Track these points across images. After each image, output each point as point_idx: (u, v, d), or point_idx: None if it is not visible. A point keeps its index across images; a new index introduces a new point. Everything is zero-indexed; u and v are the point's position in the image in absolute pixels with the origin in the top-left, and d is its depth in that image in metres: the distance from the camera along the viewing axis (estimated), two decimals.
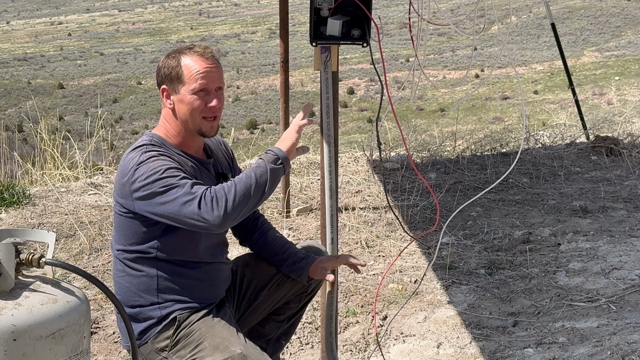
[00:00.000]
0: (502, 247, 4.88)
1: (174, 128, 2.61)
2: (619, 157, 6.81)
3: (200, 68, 2.55)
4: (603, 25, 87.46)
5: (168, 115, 2.61)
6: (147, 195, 2.43)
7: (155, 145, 2.54)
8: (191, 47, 2.61)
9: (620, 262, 4.51)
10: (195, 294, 2.62)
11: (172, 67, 2.56)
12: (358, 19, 2.77)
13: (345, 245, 4.92)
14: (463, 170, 6.53)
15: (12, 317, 1.90)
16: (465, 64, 74.40)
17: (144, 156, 2.47)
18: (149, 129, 2.79)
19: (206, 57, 2.56)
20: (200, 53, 2.57)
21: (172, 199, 2.40)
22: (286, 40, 5.29)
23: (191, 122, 2.58)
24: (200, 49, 2.59)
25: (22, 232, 2.12)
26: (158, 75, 2.62)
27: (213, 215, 2.37)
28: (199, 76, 2.54)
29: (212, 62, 2.57)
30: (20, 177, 6.58)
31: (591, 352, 3.46)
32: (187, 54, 2.57)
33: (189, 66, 2.54)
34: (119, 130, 47.01)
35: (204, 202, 2.37)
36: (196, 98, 2.55)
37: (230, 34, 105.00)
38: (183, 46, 2.63)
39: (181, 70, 2.54)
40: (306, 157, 6.97)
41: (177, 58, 2.57)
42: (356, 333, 3.87)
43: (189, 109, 2.55)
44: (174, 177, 2.42)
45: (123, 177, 2.49)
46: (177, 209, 2.39)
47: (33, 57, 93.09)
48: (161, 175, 2.41)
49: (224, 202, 2.38)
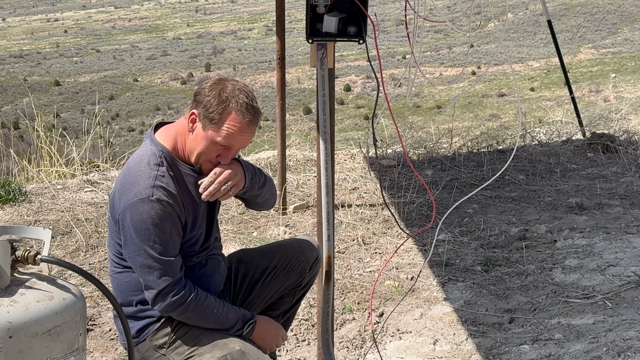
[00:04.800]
0: (498, 244, 4.88)
1: (183, 144, 2.59)
2: (615, 154, 6.82)
3: (238, 130, 2.50)
4: (599, 22, 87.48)
5: (183, 132, 2.58)
6: (127, 232, 2.48)
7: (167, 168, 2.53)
8: (245, 99, 2.52)
9: (616, 258, 4.51)
10: None
11: (217, 109, 2.49)
12: (354, 15, 2.77)
13: (341, 242, 4.92)
14: (459, 167, 6.53)
15: (8, 314, 1.90)
16: (462, 61, 74.39)
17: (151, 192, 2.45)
18: (145, 126, 2.77)
19: (250, 123, 2.52)
20: (250, 115, 2.52)
21: (142, 264, 2.48)
22: (283, 38, 5.29)
23: (195, 157, 2.56)
24: (251, 110, 2.52)
25: (18, 229, 2.12)
26: (199, 100, 2.53)
27: (163, 306, 2.51)
28: (231, 135, 2.51)
29: (251, 129, 2.54)
30: (16, 174, 6.57)
31: (587, 349, 3.47)
32: (237, 107, 2.50)
33: (230, 120, 2.49)
34: (116, 127, 46.94)
35: (165, 295, 2.49)
36: (215, 148, 2.53)
37: (227, 31, 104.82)
38: (237, 88, 2.53)
39: (222, 118, 2.49)
40: (302, 154, 6.97)
41: (226, 102, 2.49)
42: (352, 330, 3.87)
43: (202, 149, 2.54)
44: (159, 245, 2.46)
45: (125, 189, 2.49)
46: (140, 273, 2.50)
47: (29, 54, 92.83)
48: (150, 235, 2.45)
49: (182, 308, 2.51)
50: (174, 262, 2.48)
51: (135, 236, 2.44)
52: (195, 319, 2.53)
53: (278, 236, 5.06)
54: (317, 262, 3.01)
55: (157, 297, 2.47)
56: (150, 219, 2.43)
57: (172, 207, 2.47)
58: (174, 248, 2.49)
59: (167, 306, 2.49)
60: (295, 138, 7.55)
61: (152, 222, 2.43)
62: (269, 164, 6.60)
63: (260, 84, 73.80)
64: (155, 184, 2.46)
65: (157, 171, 2.49)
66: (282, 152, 5.50)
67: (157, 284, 2.46)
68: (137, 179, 2.47)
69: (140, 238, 2.44)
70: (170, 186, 2.49)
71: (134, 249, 2.46)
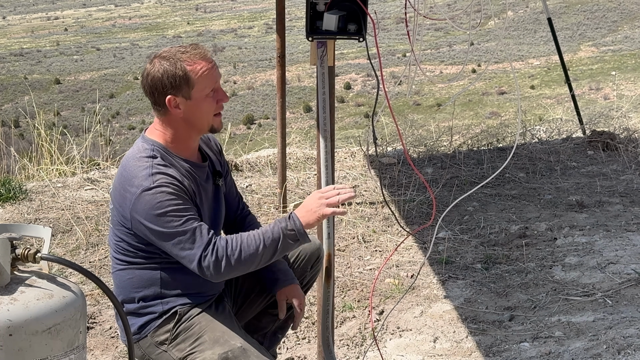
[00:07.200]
0: (498, 241, 4.88)
1: (177, 133, 2.58)
2: (615, 152, 6.82)
3: (206, 68, 2.53)
4: (600, 20, 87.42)
5: (174, 122, 2.57)
6: (148, 228, 2.44)
7: (161, 159, 2.52)
8: (184, 50, 2.55)
9: (616, 256, 4.52)
10: (197, 287, 2.62)
11: (178, 75, 2.50)
12: (354, 13, 2.77)
13: (341, 240, 4.92)
14: (459, 165, 6.53)
15: (8, 312, 1.90)
16: (462, 59, 74.35)
17: (151, 180, 2.44)
18: (145, 124, 2.77)
19: (206, 59, 2.55)
20: (200, 55, 2.54)
21: (173, 243, 2.43)
22: (283, 35, 5.29)
23: (206, 122, 2.57)
24: (196, 50, 2.55)
25: (18, 227, 2.12)
26: (158, 86, 2.53)
27: (210, 272, 2.43)
28: (208, 79, 2.53)
29: (211, 61, 2.57)
30: (16, 172, 6.57)
31: (587, 346, 3.47)
32: (187, 59, 2.52)
33: (196, 71, 2.51)
34: (116, 125, 47.00)
35: (203, 260, 2.42)
36: (209, 99, 2.55)
37: (227, 29, 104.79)
38: (172, 51, 2.56)
39: (189, 76, 2.50)
40: (303, 152, 6.98)
41: (177, 65, 2.51)
42: (353, 328, 3.88)
43: (206, 111, 2.55)
44: (179, 219, 2.42)
45: (125, 187, 2.48)
46: (176, 253, 2.45)
47: (29, 52, 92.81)
48: (166, 215, 2.42)
49: (224, 262, 2.43)
50: (197, 228, 2.44)
51: (154, 226, 2.43)
52: (249, 260, 2.45)
53: None
54: (318, 261, 3.01)
55: (200, 268, 2.42)
56: (159, 203, 2.42)
57: (176, 187, 2.47)
58: (193, 216, 2.46)
59: (214, 270, 2.42)
60: (295, 136, 7.56)
61: (163, 206, 2.42)
62: (269, 162, 6.60)
63: (260, 82, 73.82)
64: (153, 172, 2.46)
65: (152, 161, 2.49)
66: (282, 150, 5.50)
67: (192, 256, 2.42)
68: (134, 172, 2.47)
69: (158, 225, 2.42)
70: (169, 171, 2.49)
71: (159, 237, 2.44)
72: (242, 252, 2.44)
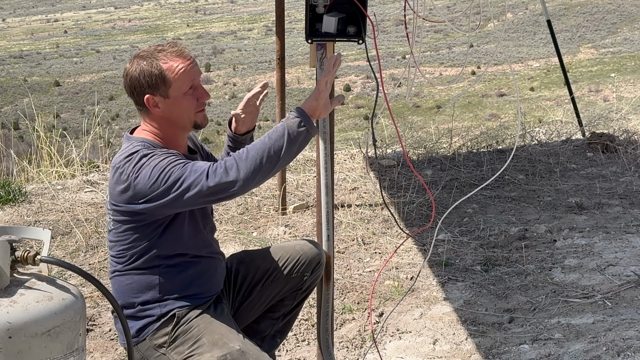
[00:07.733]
0: (497, 243, 4.88)
1: (163, 131, 2.58)
2: (614, 154, 6.82)
3: (183, 68, 2.51)
4: (599, 22, 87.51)
5: (157, 121, 2.57)
6: (157, 193, 2.40)
7: (150, 147, 2.52)
8: (161, 49, 2.54)
9: (616, 258, 4.52)
10: (195, 289, 2.62)
11: (154, 74, 2.50)
12: (354, 15, 2.77)
13: (341, 242, 4.92)
14: (459, 167, 6.53)
15: (7, 314, 1.90)
16: (462, 61, 74.44)
17: (142, 160, 2.43)
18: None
19: (183, 56, 2.53)
20: (177, 53, 2.53)
21: (181, 192, 2.37)
22: (282, 38, 5.29)
23: (187, 120, 2.57)
24: (173, 48, 2.54)
25: (18, 230, 2.12)
26: (136, 86, 2.52)
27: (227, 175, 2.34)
28: (185, 76, 2.52)
29: (189, 58, 2.55)
30: (16, 174, 6.57)
31: (587, 348, 3.47)
32: (163, 58, 2.51)
33: (172, 69, 2.50)
34: (116, 127, 46.84)
35: (212, 177, 2.35)
36: (188, 97, 2.54)
37: (227, 31, 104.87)
38: (150, 50, 2.56)
39: (165, 75, 2.49)
40: (302, 154, 6.97)
41: (153, 64, 2.50)
42: (352, 330, 3.87)
43: (185, 109, 2.54)
44: (178, 166, 2.38)
45: (121, 184, 2.46)
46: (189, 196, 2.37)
47: (29, 55, 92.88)
48: (165, 170, 2.39)
49: (235, 166, 2.36)
50: (195, 163, 2.40)
51: (155, 185, 2.39)
52: (257, 160, 2.36)
53: (278, 236, 5.06)
54: (319, 266, 2.99)
55: (211, 182, 2.35)
56: (151, 162, 2.41)
57: (165, 150, 2.47)
58: (189, 161, 2.43)
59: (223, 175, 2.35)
60: None
61: (155, 163, 2.41)
62: None
63: (260, 84, 73.74)
64: (143, 153, 2.45)
65: (143, 152, 2.47)
66: None
67: (199, 179, 2.36)
68: (129, 165, 2.45)
69: (158, 183, 2.39)
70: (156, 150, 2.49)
71: (165, 195, 2.39)
72: (248, 152, 2.38)
